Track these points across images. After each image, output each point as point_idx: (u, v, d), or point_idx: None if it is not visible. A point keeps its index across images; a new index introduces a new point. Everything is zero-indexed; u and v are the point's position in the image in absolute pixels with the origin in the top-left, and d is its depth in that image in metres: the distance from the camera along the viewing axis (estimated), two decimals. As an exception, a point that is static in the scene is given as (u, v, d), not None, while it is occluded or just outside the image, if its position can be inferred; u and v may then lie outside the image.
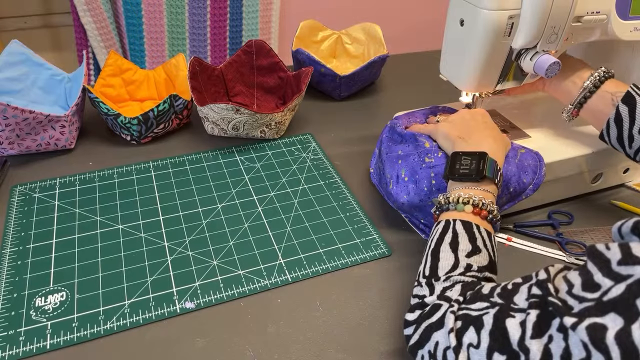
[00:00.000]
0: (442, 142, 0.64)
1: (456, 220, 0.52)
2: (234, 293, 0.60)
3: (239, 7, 1.56)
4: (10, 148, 0.76)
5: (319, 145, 0.86)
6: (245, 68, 0.92)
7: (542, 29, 0.61)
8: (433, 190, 0.63)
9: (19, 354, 0.52)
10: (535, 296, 0.40)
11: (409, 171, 0.65)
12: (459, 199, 0.54)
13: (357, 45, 1.08)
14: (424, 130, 0.68)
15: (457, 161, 0.57)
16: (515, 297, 0.41)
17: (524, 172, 0.64)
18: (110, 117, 0.80)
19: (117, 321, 0.56)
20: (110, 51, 0.91)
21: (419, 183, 0.64)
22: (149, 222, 0.69)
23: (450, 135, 0.62)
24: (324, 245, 0.67)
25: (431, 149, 0.65)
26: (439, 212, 0.56)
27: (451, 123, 0.64)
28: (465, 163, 0.57)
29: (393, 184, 0.66)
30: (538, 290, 0.40)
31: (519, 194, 0.65)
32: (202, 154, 0.82)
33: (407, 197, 0.64)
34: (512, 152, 0.65)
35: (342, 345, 0.55)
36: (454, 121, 0.65)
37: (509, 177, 0.63)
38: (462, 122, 0.64)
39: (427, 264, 0.51)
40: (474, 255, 0.50)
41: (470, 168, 0.56)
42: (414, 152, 0.66)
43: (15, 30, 1.50)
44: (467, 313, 0.43)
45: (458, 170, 0.57)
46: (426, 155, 0.64)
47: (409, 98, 1.01)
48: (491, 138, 0.60)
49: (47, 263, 0.62)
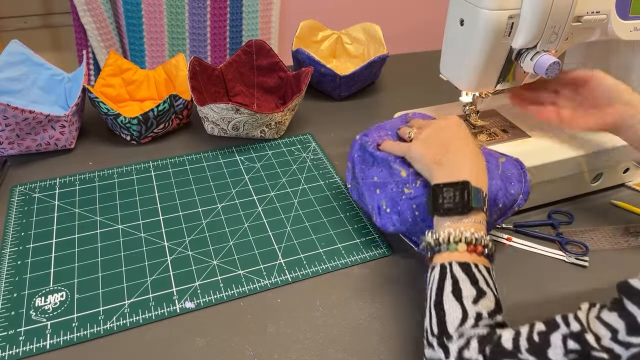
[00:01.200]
0: (417, 166, 0.60)
1: (452, 263, 0.48)
2: (234, 293, 0.60)
3: (239, 7, 1.56)
4: (10, 148, 0.76)
5: (319, 145, 0.86)
6: (245, 68, 0.92)
7: (542, 28, 0.61)
8: (417, 221, 0.60)
9: (19, 354, 0.52)
10: (574, 351, 0.37)
11: (390, 202, 0.62)
12: (449, 237, 0.50)
13: (357, 45, 1.08)
14: (397, 150, 0.63)
15: (440, 194, 0.53)
16: (550, 353, 0.38)
17: (510, 183, 0.62)
18: (110, 117, 0.80)
19: (117, 321, 0.56)
20: (110, 51, 0.91)
21: (402, 214, 0.61)
22: (149, 222, 0.69)
23: (425, 159, 0.58)
24: (324, 245, 0.67)
25: (408, 178, 0.61)
26: (430, 254, 0.52)
27: (424, 142, 0.59)
28: (448, 196, 0.52)
29: (376, 215, 0.64)
30: (576, 344, 0.37)
31: (510, 207, 0.62)
32: (202, 154, 0.82)
33: (394, 227, 0.62)
34: (493, 163, 0.62)
35: (342, 345, 0.55)
36: (427, 139, 0.60)
37: (495, 192, 0.60)
38: (436, 138, 0.59)
39: (432, 320, 0.47)
40: (480, 299, 0.46)
41: (454, 201, 0.52)
42: (390, 181, 0.62)
43: (15, 30, 1.50)
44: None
45: (442, 205, 0.52)
46: (404, 186, 0.61)
47: (409, 98, 1.00)
48: (469, 158, 0.56)
49: (47, 263, 0.62)
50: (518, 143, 0.73)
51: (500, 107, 0.81)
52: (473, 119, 0.76)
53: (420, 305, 0.59)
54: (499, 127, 0.76)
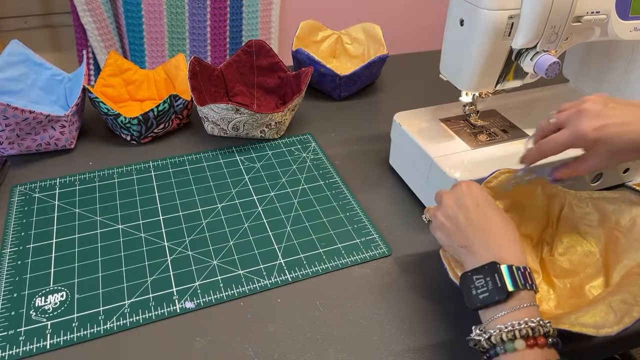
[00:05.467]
0: (451, 253, 0.54)
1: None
2: (234, 293, 0.60)
3: (239, 7, 1.56)
4: (10, 148, 0.76)
5: (319, 145, 0.86)
6: (245, 68, 0.92)
7: (542, 28, 0.61)
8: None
9: (19, 354, 0.52)
10: None
11: None
12: (502, 336, 0.42)
13: (357, 45, 1.08)
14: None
15: (470, 285, 0.46)
16: None
17: None
18: (110, 117, 0.80)
19: (117, 321, 0.56)
20: (110, 51, 0.91)
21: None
22: (149, 222, 0.69)
23: (452, 247, 0.52)
24: (324, 245, 0.67)
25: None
26: (487, 358, 0.44)
27: (442, 230, 0.53)
28: (480, 285, 0.46)
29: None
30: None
31: None
32: (202, 154, 0.82)
33: None
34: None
35: (342, 345, 0.55)
36: (443, 226, 0.53)
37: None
38: (454, 223, 0.51)
39: None
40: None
41: (488, 288, 0.45)
42: None
43: (15, 30, 1.50)
44: None
45: (477, 297, 0.46)
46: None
47: (409, 98, 1.01)
48: (494, 231, 0.49)
49: (47, 263, 0.62)
50: (518, 143, 0.73)
51: (500, 107, 0.81)
52: (473, 119, 0.76)
53: (421, 305, 0.59)
54: (499, 127, 0.76)
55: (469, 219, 0.50)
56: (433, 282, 0.62)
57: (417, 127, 0.74)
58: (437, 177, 0.68)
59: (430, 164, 0.69)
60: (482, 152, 0.71)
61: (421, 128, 0.75)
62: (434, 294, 0.60)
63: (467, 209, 0.51)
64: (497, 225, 0.49)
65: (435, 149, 0.70)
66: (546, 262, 0.63)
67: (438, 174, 0.67)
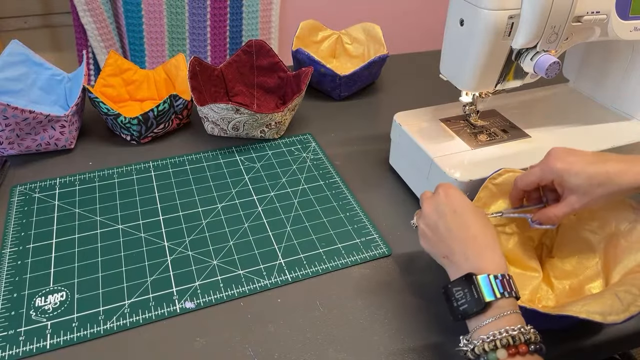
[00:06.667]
0: (434, 259, 0.54)
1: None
2: (234, 293, 0.60)
3: (239, 7, 1.56)
4: (10, 148, 0.76)
5: (319, 145, 0.86)
6: (245, 68, 0.92)
7: (542, 28, 0.61)
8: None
9: (19, 354, 0.52)
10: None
11: None
12: (484, 346, 0.43)
13: (357, 45, 1.08)
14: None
15: (452, 297, 0.47)
16: None
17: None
18: (110, 117, 0.80)
19: (117, 321, 0.56)
20: (110, 51, 0.91)
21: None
22: (149, 222, 0.69)
23: (437, 257, 0.53)
24: (324, 245, 0.67)
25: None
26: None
27: (425, 239, 0.54)
28: (460, 297, 0.46)
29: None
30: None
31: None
32: (202, 154, 0.82)
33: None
34: None
35: (342, 345, 0.55)
36: (426, 236, 0.54)
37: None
38: (435, 232, 0.52)
39: None
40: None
41: (467, 300, 0.45)
42: None
43: (15, 30, 1.50)
44: None
45: (458, 309, 0.46)
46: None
47: (409, 98, 1.01)
48: (472, 239, 0.49)
49: (47, 263, 0.62)
50: (518, 143, 0.73)
51: (500, 107, 0.81)
52: (473, 119, 0.76)
53: (421, 305, 0.59)
54: (499, 127, 0.76)
55: (449, 228, 0.51)
56: (433, 282, 0.62)
57: (417, 127, 0.74)
58: (437, 177, 0.68)
59: (430, 164, 0.69)
60: (482, 152, 0.71)
61: (421, 128, 0.75)
62: (434, 294, 0.60)
63: (446, 217, 0.51)
64: (476, 231, 0.49)
65: (435, 149, 0.70)
66: (546, 263, 0.63)
67: (438, 174, 0.67)
